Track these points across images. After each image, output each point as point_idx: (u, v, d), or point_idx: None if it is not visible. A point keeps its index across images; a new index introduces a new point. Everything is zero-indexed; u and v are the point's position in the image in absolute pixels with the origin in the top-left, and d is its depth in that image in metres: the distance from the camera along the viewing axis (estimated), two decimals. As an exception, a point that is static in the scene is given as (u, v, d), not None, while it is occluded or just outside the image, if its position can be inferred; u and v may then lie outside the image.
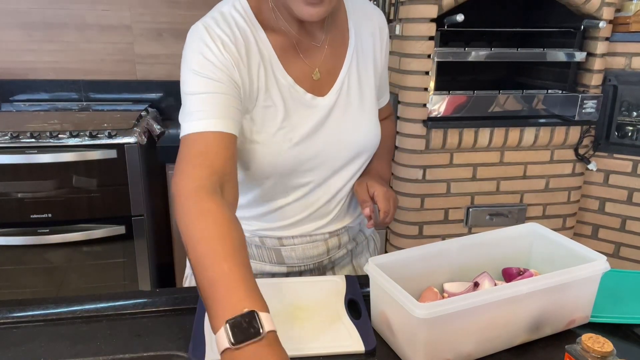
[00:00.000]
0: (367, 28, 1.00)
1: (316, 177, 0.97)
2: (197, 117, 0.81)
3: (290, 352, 0.73)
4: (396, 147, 2.07)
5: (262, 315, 0.62)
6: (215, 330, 0.63)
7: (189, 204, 0.73)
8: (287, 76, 0.91)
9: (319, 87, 0.94)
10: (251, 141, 0.90)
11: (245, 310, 0.62)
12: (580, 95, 2.08)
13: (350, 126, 0.97)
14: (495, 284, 0.83)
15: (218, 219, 0.71)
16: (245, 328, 0.61)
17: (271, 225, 1.01)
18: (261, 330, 0.61)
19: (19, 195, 1.93)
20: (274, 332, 0.63)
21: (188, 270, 1.11)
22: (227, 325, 0.61)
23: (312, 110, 0.93)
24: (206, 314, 0.69)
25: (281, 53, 0.91)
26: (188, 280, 1.11)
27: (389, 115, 1.21)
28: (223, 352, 0.62)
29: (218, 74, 0.83)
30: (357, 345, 0.76)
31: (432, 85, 2.02)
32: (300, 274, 1.05)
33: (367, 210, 0.98)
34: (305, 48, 0.94)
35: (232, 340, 0.60)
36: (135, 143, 1.95)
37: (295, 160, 0.93)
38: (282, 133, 0.91)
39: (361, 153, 1.00)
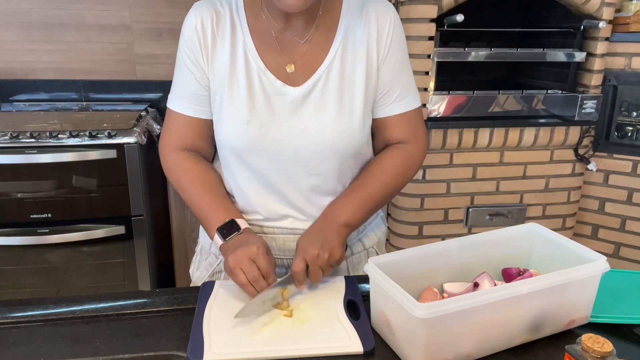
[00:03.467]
0: (363, 28, 0.95)
1: (284, 166, 0.96)
2: (176, 94, 0.99)
3: (290, 353, 0.75)
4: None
5: (238, 220, 0.94)
6: (211, 237, 0.95)
7: (172, 165, 1.00)
8: (260, 61, 0.94)
9: (292, 78, 0.94)
10: (217, 115, 0.97)
11: (227, 219, 0.93)
12: (580, 96, 2.08)
13: (319, 121, 0.94)
14: (495, 284, 0.83)
15: (195, 171, 0.99)
16: (229, 229, 0.92)
17: (249, 210, 1.01)
18: (240, 229, 0.92)
19: (19, 195, 1.93)
20: (248, 228, 0.94)
21: (193, 267, 1.14)
22: (218, 231, 0.93)
23: (280, 97, 0.94)
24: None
25: (258, 40, 0.94)
26: (196, 264, 1.13)
27: (406, 140, 1.02)
28: (220, 248, 0.92)
29: (191, 58, 0.96)
30: (355, 345, 0.76)
31: (432, 85, 2.02)
32: (285, 269, 1.03)
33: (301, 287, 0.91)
34: (285, 43, 0.95)
35: (224, 238, 0.91)
36: (135, 143, 1.95)
37: (253, 141, 0.93)
38: (240, 113, 0.93)
39: (331, 152, 0.95)
